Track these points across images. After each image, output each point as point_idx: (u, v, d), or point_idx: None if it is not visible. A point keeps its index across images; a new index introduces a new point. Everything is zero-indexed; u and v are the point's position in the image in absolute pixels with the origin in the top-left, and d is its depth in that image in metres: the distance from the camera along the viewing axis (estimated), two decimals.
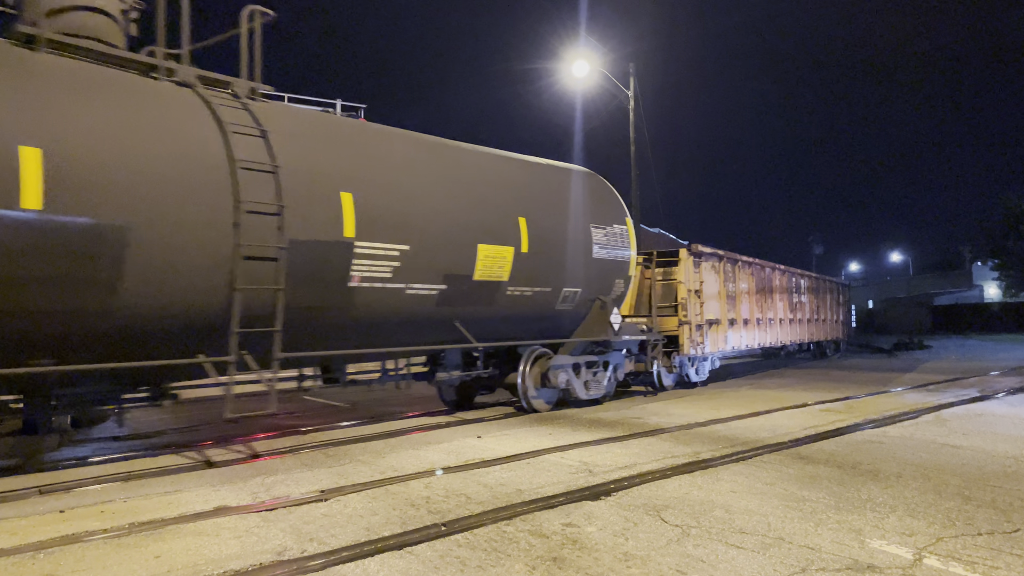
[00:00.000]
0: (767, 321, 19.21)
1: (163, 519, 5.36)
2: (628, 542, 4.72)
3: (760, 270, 18.81)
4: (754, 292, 18.25)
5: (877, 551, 4.50)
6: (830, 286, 26.64)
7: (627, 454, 7.74)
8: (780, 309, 20.22)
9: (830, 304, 26.14)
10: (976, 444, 8.18)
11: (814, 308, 23.72)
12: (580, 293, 11.48)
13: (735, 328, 17.05)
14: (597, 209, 12.05)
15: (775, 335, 19.74)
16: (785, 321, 20.61)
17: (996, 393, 13.50)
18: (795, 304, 21.56)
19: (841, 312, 28.11)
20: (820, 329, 24.56)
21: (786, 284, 20.87)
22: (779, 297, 20.12)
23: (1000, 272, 56.11)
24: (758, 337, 18.46)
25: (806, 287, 22.84)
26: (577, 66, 22.56)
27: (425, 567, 4.29)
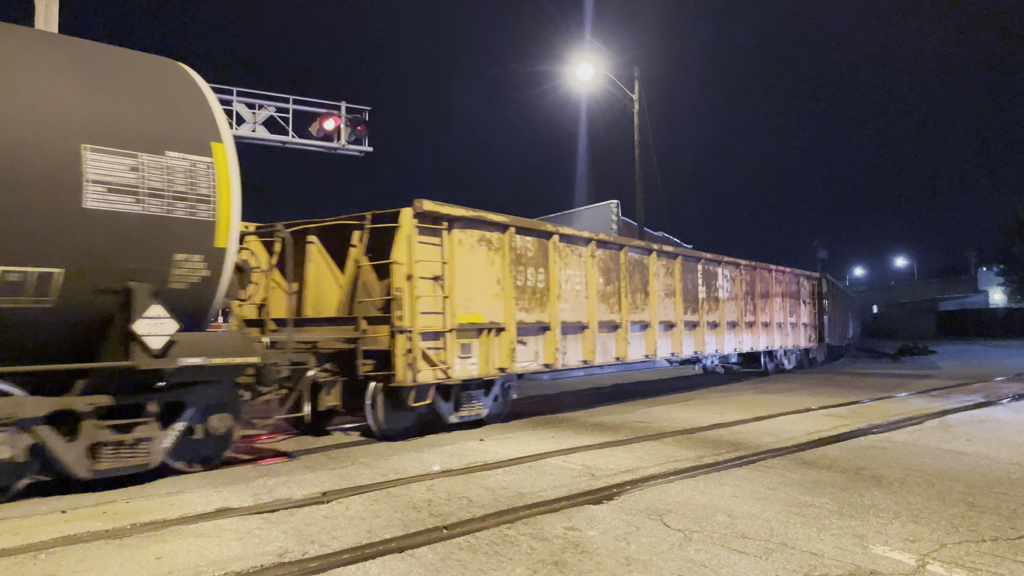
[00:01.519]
0: (637, 326, 13.18)
1: (165, 520, 5.36)
2: (630, 546, 4.70)
3: (617, 253, 12.75)
4: (599, 283, 12.13)
5: (880, 557, 4.48)
6: (789, 279, 20.56)
7: (630, 458, 7.72)
8: (668, 308, 14.08)
9: (789, 303, 20.30)
10: (980, 450, 8.14)
11: (750, 308, 17.56)
12: (56, 278, 6.05)
13: (550, 336, 10.98)
14: (116, 114, 6.49)
15: (658, 345, 13.58)
16: (682, 325, 14.38)
17: (1001, 399, 13.44)
18: (706, 301, 15.44)
19: (808, 313, 22.21)
20: (770, 335, 18.88)
21: (680, 274, 14.54)
22: (664, 292, 14.01)
23: (1005, 278, 55.95)
24: (611, 349, 12.42)
25: (733, 278, 16.89)
26: (582, 69, 22.58)
27: (426, 570, 4.28)
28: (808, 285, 22.31)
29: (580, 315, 11.60)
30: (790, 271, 20.60)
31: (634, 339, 13.02)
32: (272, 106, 19.45)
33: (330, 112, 20.10)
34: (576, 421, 10.79)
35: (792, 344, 20.59)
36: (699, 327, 15.09)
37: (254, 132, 19.19)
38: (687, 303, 14.67)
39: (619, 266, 12.71)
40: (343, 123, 20.17)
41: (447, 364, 9.21)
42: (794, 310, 20.73)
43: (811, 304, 22.41)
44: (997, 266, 57.57)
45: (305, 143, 20.02)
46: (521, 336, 10.45)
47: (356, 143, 20.54)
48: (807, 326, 22.09)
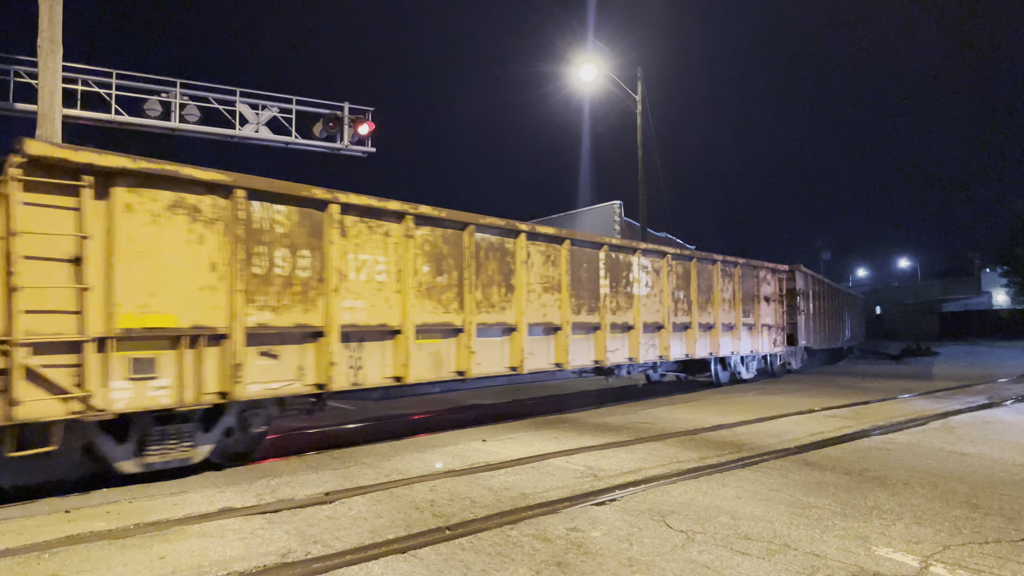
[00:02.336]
0: (496, 329, 10.16)
1: (168, 520, 5.37)
2: (633, 547, 4.70)
3: (459, 234, 9.64)
4: (423, 273, 9.09)
5: (883, 559, 4.47)
6: (744, 273, 16.92)
7: (632, 459, 7.72)
8: (548, 307, 10.94)
9: (744, 301, 16.82)
10: (984, 451, 8.12)
11: (683, 307, 14.33)
12: None
13: (323, 345, 7.91)
14: None
15: (529, 352, 10.57)
16: (570, 328, 11.29)
17: (1004, 400, 13.41)
18: (611, 298, 12.25)
19: (773, 313, 18.59)
20: (714, 339, 15.52)
21: (569, 264, 11.36)
22: (542, 286, 10.88)
23: (1009, 279, 55.83)
24: (447, 360, 9.40)
25: (657, 270, 13.62)
26: (585, 70, 22.58)
27: (429, 570, 4.29)
28: (773, 280, 18.67)
29: (384, 315, 8.48)
30: (744, 263, 16.86)
31: (488, 346, 9.92)
32: (275, 107, 19.49)
33: (333, 113, 20.14)
34: (578, 422, 10.78)
35: (749, 349, 17.14)
36: (601, 330, 11.91)
37: (257, 133, 19.23)
38: (580, 301, 11.49)
39: (461, 251, 9.55)
40: (346, 124, 20.20)
41: (90, 392, 6.07)
42: (750, 309, 17.12)
43: (777, 302, 18.80)
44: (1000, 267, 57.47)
45: (308, 144, 20.05)
46: (264, 346, 7.37)
47: (359, 144, 20.57)
48: (771, 328, 18.42)
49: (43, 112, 10.60)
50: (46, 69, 10.56)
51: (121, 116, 17.47)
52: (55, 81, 10.68)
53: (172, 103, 18.01)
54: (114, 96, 17.33)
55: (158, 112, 17.89)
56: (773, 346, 18.65)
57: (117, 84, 17.35)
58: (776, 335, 18.86)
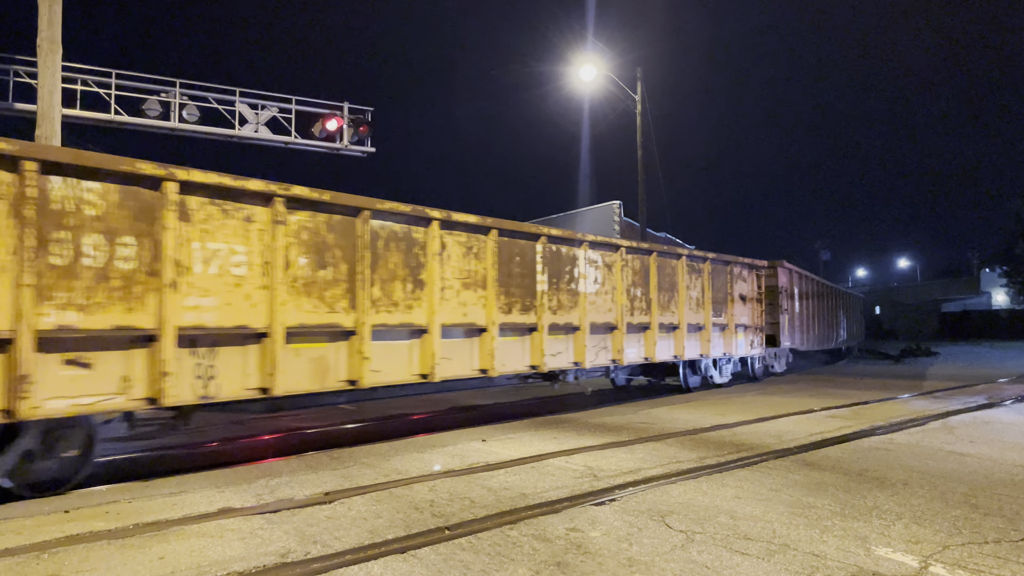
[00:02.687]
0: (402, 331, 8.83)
1: (167, 520, 5.37)
2: (632, 547, 4.70)
3: (351, 221, 8.32)
4: (299, 266, 7.80)
5: (883, 559, 4.47)
6: (715, 269, 15.40)
7: (632, 459, 7.72)
8: (470, 306, 9.64)
9: (716, 300, 15.37)
10: (983, 452, 8.13)
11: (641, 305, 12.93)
12: None
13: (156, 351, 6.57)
14: None
15: (444, 356, 9.21)
16: (496, 330, 9.93)
17: (1004, 400, 13.42)
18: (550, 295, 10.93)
19: (751, 312, 17.05)
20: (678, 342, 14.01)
21: (496, 258, 10.02)
22: (461, 282, 9.56)
23: (1009, 279, 55.88)
24: (337, 366, 8.09)
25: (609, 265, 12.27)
26: (584, 70, 22.60)
27: (428, 570, 4.28)
28: (751, 277, 17.11)
29: (245, 315, 7.16)
30: (715, 257, 15.46)
31: (389, 351, 8.57)
32: (275, 107, 19.50)
33: (333, 112, 20.15)
34: (578, 422, 10.78)
35: (722, 352, 15.71)
36: (538, 332, 10.59)
37: (257, 133, 19.23)
38: (511, 299, 10.15)
39: (353, 241, 8.24)
40: (345, 124, 20.21)
41: None
42: (722, 309, 15.60)
43: (756, 301, 17.21)
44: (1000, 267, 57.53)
45: (308, 144, 20.07)
46: (69, 352, 6.07)
47: (359, 144, 20.58)
48: (748, 328, 16.86)
49: (42, 112, 10.60)
50: (45, 69, 10.57)
51: (121, 116, 17.48)
52: (54, 81, 10.68)
53: (172, 103, 18.02)
54: (113, 96, 17.34)
55: (157, 112, 17.91)
56: (750, 348, 17.04)
57: (117, 84, 17.36)
58: (753, 336, 17.20)
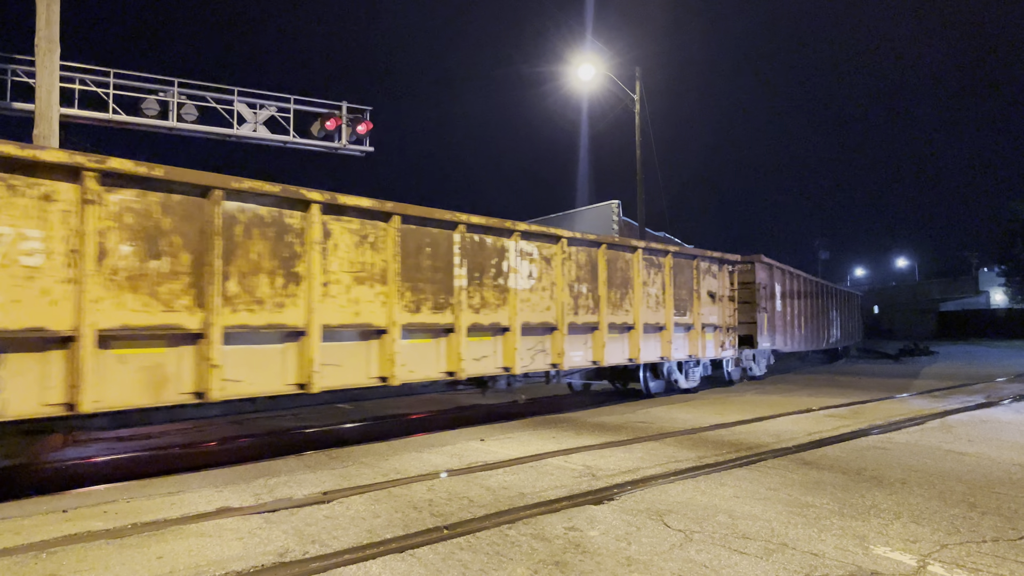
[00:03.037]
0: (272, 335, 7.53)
1: (166, 520, 5.36)
2: (631, 547, 4.70)
3: (199, 202, 6.99)
4: (120, 255, 6.44)
5: (881, 558, 4.48)
6: (677, 264, 13.88)
7: (631, 458, 7.72)
8: (364, 304, 8.31)
9: (678, 297, 13.85)
10: (982, 451, 8.13)
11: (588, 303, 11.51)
12: None
13: None
14: None
15: (323, 362, 7.81)
16: (399, 332, 8.59)
17: (1002, 400, 13.43)
18: (471, 291, 9.57)
19: (722, 311, 15.55)
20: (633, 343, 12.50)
21: (399, 249, 8.63)
22: (354, 276, 8.23)
23: (1007, 278, 55.99)
24: (179, 378, 6.81)
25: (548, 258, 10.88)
26: (583, 70, 22.59)
27: (427, 570, 4.28)
28: (722, 274, 15.64)
29: (40, 315, 5.90)
30: (678, 251, 14.04)
31: (252, 357, 7.23)
32: (273, 106, 19.49)
33: (331, 112, 20.14)
34: (577, 421, 10.79)
35: (686, 354, 14.25)
36: (456, 334, 9.25)
37: (255, 132, 19.22)
38: (419, 296, 8.81)
39: (201, 226, 6.90)
40: (344, 123, 20.20)
41: None
42: (687, 307, 14.10)
43: (728, 299, 15.84)
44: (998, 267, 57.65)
45: (306, 143, 20.06)
46: None
47: (357, 143, 20.58)
48: (719, 329, 15.41)
49: (40, 111, 10.58)
50: (43, 68, 10.55)
51: (119, 116, 17.46)
52: (52, 80, 10.67)
53: (170, 102, 18.01)
54: (111, 95, 17.33)
55: (156, 111, 17.90)
56: (720, 350, 15.61)
57: (115, 83, 17.35)
58: (725, 337, 15.77)
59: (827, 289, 27.31)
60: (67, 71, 16.13)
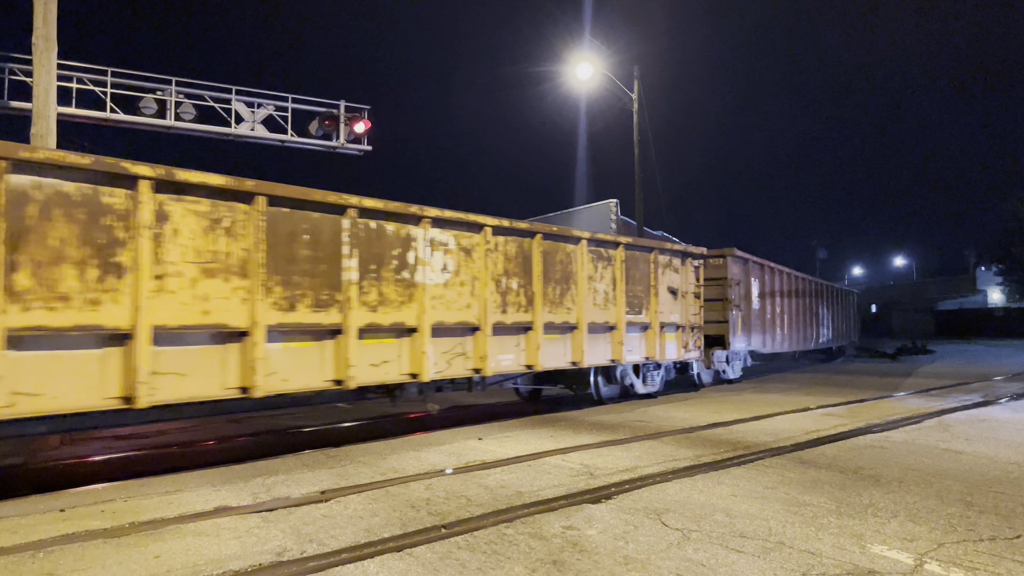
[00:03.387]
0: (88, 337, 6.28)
1: (163, 519, 5.36)
2: (628, 545, 4.71)
3: None
4: None
5: (878, 556, 4.48)
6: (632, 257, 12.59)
7: (628, 457, 7.73)
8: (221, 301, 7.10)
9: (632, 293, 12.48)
10: (979, 450, 8.15)
11: (519, 300, 10.31)
12: None
13: None
14: None
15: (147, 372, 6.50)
16: (262, 334, 7.34)
17: (999, 398, 13.46)
18: (363, 286, 8.39)
19: (685, 308, 13.99)
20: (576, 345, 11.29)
21: (265, 236, 7.43)
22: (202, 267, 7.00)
23: (1004, 277, 56.06)
24: None
25: (468, 249, 9.70)
26: (581, 69, 22.59)
27: (425, 569, 4.28)
28: (685, 268, 14.07)
29: None
30: (632, 243, 12.73)
31: (55, 365, 6.03)
32: (271, 105, 19.47)
33: (329, 111, 20.13)
34: (574, 420, 10.79)
35: (643, 356, 12.88)
36: (344, 335, 8.04)
37: (253, 131, 19.21)
38: (294, 291, 7.63)
39: None
40: (342, 122, 20.19)
41: None
42: (642, 304, 12.67)
43: (694, 295, 14.29)
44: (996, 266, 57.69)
45: (304, 142, 20.04)
46: None
47: (355, 142, 20.56)
48: (682, 328, 13.91)
49: (38, 110, 10.56)
50: (41, 67, 10.53)
51: (116, 114, 17.44)
52: (50, 79, 10.64)
53: (167, 101, 17.98)
54: (109, 94, 17.30)
55: (153, 110, 17.87)
56: (683, 351, 14.02)
57: (112, 82, 17.32)
58: (689, 337, 14.19)
59: (817, 286, 25.64)
60: (65, 70, 16.10)
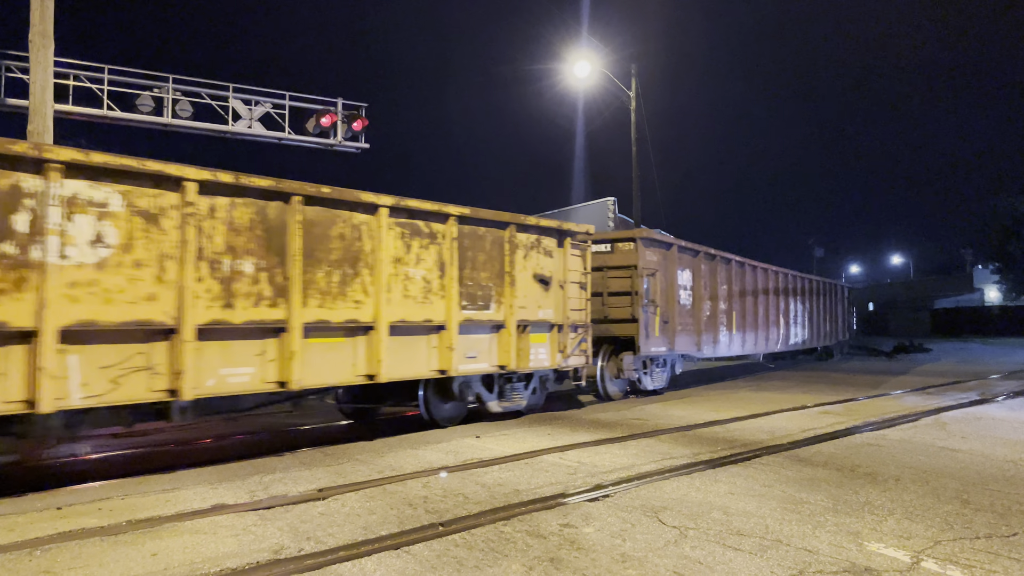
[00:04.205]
0: None
1: (160, 517, 5.35)
2: (625, 543, 4.71)
3: None
4: None
5: (875, 554, 4.49)
6: (476, 234, 9.95)
7: (626, 455, 7.74)
8: None
9: (452, 279, 9.52)
10: (975, 448, 8.17)
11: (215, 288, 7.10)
12: None
13: None
14: None
15: None
16: None
17: (996, 397, 13.49)
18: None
19: (560, 302, 11.18)
20: (370, 352, 8.55)
21: None
22: None
23: (1001, 276, 56.15)
24: None
25: (105, 208, 6.41)
26: (579, 67, 22.58)
27: (422, 567, 4.29)
28: (565, 252, 11.26)
29: None
30: (465, 214, 9.74)
31: None
32: (268, 102, 19.43)
33: (326, 109, 20.09)
34: (572, 418, 10.80)
35: (494, 363, 10.16)
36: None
37: (250, 129, 19.17)
38: None
39: None
40: (340, 119, 20.16)
41: None
42: (491, 296, 10.05)
43: (579, 286, 11.47)
44: (992, 264, 57.75)
45: (301, 140, 20.00)
46: None
47: (353, 140, 20.53)
48: (560, 328, 11.09)
49: (34, 107, 10.54)
50: (37, 64, 10.51)
51: (113, 112, 17.39)
52: (46, 76, 10.62)
53: (165, 98, 17.94)
54: (106, 91, 17.26)
55: (150, 108, 17.81)
56: (560, 356, 11.04)
57: (109, 79, 17.27)
58: (569, 339, 11.17)
59: (789, 279, 21.83)
60: (61, 67, 16.04)
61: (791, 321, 22.23)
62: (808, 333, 24.12)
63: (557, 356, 11.07)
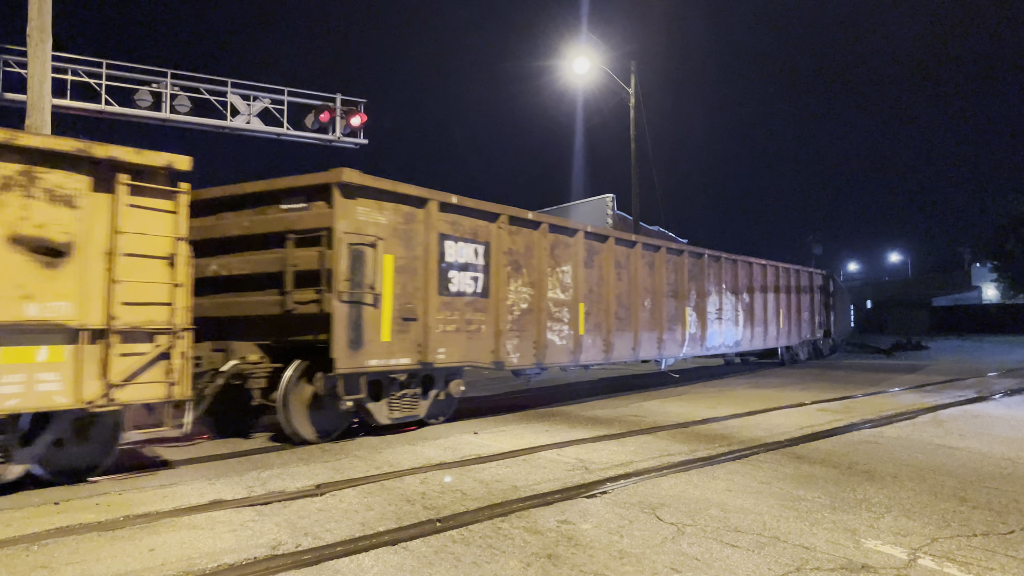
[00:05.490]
0: None
1: (158, 512, 5.35)
2: (623, 540, 4.71)
3: None
4: None
5: (872, 551, 4.50)
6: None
7: (623, 451, 7.74)
8: None
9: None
10: (972, 445, 8.18)
11: None
12: None
13: None
14: None
15: None
16: None
17: (993, 394, 13.50)
18: None
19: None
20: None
21: None
22: None
23: (999, 274, 56.20)
24: None
25: None
26: (578, 63, 22.56)
27: (419, 562, 4.29)
28: (129, 202, 6.07)
29: None
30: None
31: None
32: (267, 98, 19.41)
33: (325, 104, 20.07)
34: (570, 415, 10.80)
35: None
36: None
37: (249, 124, 19.14)
38: None
39: None
40: (338, 115, 20.14)
41: None
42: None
43: (167, 263, 6.32)
44: (991, 262, 57.79)
45: (300, 135, 19.99)
46: None
47: (351, 135, 20.52)
48: (106, 337, 5.94)
49: (32, 102, 10.51)
50: (35, 58, 10.48)
51: (111, 107, 17.36)
52: (44, 71, 10.59)
53: (163, 93, 17.91)
54: (104, 86, 17.22)
55: (149, 103, 17.79)
56: (96, 389, 5.88)
57: (107, 74, 17.24)
58: (131, 356, 6.08)
59: (726, 264, 16.95)
60: (59, 61, 16.01)
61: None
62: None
63: (89, 386, 5.91)
